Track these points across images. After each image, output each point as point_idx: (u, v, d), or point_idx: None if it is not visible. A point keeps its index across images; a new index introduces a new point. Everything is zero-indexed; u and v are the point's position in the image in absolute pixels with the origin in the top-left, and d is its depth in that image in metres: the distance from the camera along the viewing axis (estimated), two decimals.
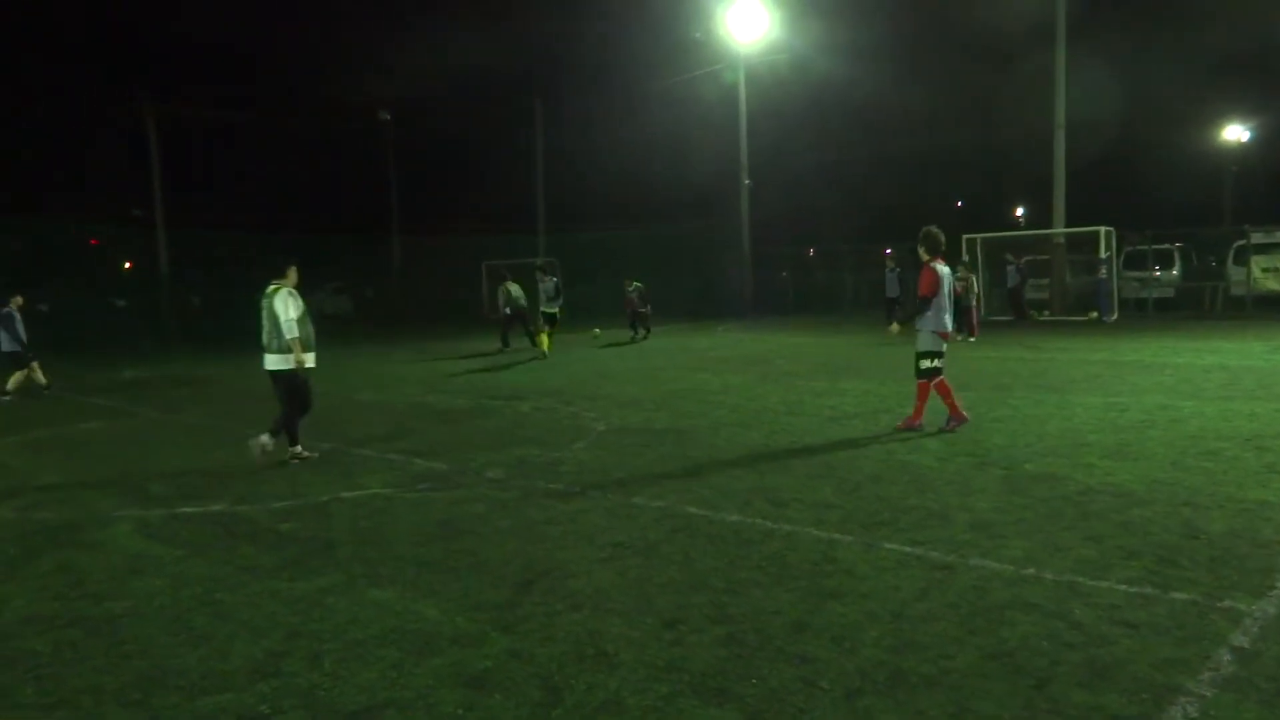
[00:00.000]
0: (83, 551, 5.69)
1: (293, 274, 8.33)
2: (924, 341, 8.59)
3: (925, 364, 8.57)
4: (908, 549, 5.11)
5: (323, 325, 9.68)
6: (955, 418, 8.58)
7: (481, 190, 45.03)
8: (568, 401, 11.54)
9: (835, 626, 4.08)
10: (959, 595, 4.39)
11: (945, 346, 8.65)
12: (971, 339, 18.12)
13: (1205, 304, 25.47)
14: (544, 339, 17.99)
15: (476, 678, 3.72)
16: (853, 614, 4.22)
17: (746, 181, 32.59)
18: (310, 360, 8.16)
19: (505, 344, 19.45)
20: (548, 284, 18.98)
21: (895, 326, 9.03)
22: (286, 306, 8.02)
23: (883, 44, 45.09)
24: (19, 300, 14.25)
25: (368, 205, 42.06)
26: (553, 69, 50.82)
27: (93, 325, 25.82)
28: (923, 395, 8.63)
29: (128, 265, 35.27)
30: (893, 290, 23.97)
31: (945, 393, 8.60)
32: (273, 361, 8.12)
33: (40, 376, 14.31)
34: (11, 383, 14.06)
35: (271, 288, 8.19)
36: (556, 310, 18.68)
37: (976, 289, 19.98)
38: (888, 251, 24.52)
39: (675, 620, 4.22)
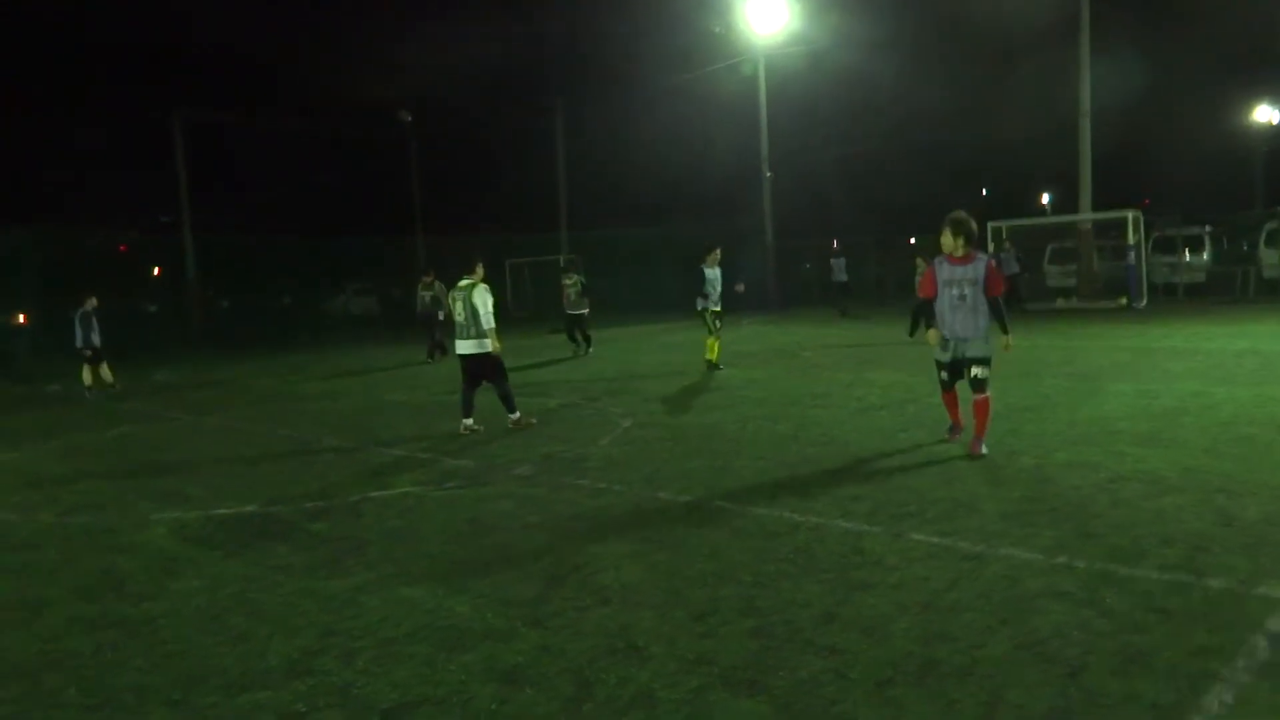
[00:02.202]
0: (121, 554, 5.80)
1: (480, 270, 9.36)
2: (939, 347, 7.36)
3: (944, 374, 7.38)
4: (936, 539, 5.10)
5: (349, 326, 9.91)
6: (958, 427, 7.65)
7: (503, 189, 45.15)
8: (593, 398, 11.57)
9: (865, 618, 4.08)
10: (989, 585, 4.37)
11: (950, 353, 7.22)
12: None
13: (1237, 288, 25.11)
14: (713, 346, 13.88)
15: (508, 672, 3.75)
16: (882, 605, 4.22)
17: (768, 174, 32.48)
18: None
19: (435, 352, 17.44)
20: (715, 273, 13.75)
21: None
22: (485, 301, 9.09)
23: (903, 33, 44.70)
24: (93, 301, 15.01)
25: (391, 206, 42.30)
26: (573, 66, 50.86)
27: (123, 330, 26.16)
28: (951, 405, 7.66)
29: (156, 271, 35.71)
30: (840, 275, 25.76)
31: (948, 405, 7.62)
32: (469, 347, 9.23)
33: (89, 378, 14.89)
34: (90, 377, 14.78)
35: (466, 282, 9.19)
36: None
37: None
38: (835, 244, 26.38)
39: (704, 613, 4.24)
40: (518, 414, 9.43)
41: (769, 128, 32.24)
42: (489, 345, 9.16)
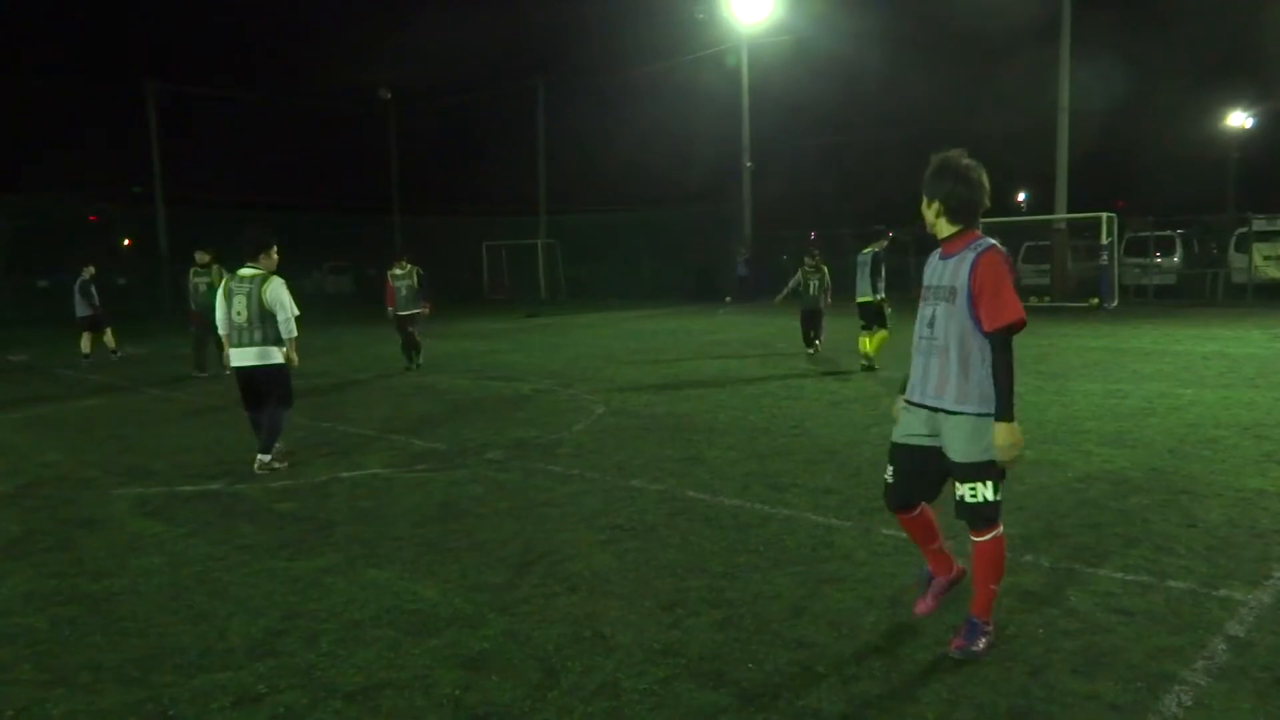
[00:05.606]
0: (82, 529, 5.70)
1: (274, 255, 7.14)
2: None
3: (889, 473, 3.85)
4: (905, 535, 5.10)
5: (324, 305, 9.61)
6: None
7: (483, 171, 44.87)
8: (567, 384, 11.53)
9: (832, 611, 4.09)
10: None
11: (909, 430, 3.75)
12: (817, 345, 14.28)
13: (1206, 291, 25.44)
14: (869, 342, 12.12)
15: (474, 659, 3.73)
16: (850, 599, 4.23)
17: (748, 164, 32.44)
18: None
19: (201, 367, 13.12)
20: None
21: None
22: (284, 299, 6.96)
23: (886, 26, 44.78)
24: (90, 270, 15.30)
25: (369, 184, 41.94)
26: (555, 50, 50.61)
27: None
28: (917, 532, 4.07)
29: (127, 242, 35.22)
30: (740, 271, 27.84)
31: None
32: (249, 356, 7.00)
33: (111, 341, 15.48)
34: (86, 344, 15.09)
35: (251, 272, 7.02)
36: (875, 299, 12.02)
37: (829, 281, 14.48)
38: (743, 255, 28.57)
39: (673, 603, 4.23)
40: (270, 456, 7.13)
41: (751, 117, 32.20)
42: (277, 355, 7.01)
